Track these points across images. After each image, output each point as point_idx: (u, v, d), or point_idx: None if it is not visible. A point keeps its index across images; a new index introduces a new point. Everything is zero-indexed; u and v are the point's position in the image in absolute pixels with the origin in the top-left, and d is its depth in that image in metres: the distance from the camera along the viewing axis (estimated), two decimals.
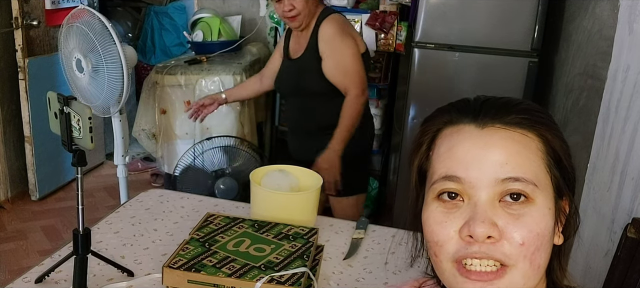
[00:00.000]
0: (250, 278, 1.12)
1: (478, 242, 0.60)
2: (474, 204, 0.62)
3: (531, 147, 0.63)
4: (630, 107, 1.72)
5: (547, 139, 0.65)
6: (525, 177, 0.61)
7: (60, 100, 1.11)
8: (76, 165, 1.12)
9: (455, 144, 0.65)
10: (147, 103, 3.01)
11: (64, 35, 2.18)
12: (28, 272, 1.23)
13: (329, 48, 2.02)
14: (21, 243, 3.01)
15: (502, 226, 0.60)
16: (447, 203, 0.64)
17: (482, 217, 0.60)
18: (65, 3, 3.44)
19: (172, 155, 2.92)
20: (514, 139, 0.63)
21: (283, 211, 1.40)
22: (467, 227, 0.61)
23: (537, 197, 0.62)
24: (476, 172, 0.62)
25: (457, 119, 0.66)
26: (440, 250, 0.63)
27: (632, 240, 1.43)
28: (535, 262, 0.61)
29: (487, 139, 0.63)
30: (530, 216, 0.61)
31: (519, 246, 0.60)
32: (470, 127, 0.65)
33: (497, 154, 0.62)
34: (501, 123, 0.64)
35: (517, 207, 0.61)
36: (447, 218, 0.63)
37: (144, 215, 1.54)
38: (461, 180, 0.62)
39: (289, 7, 1.98)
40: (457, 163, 0.63)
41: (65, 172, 3.61)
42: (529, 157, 0.63)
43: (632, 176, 1.67)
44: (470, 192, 0.62)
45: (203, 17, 3.33)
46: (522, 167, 0.62)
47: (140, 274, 1.25)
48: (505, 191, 0.61)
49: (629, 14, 1.77)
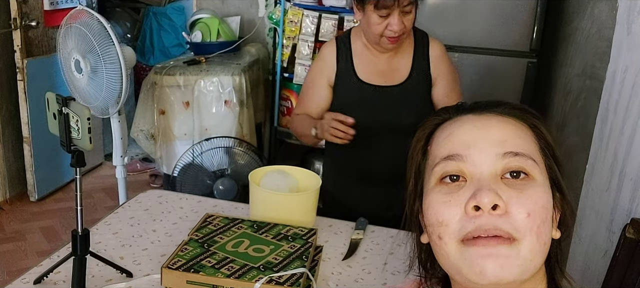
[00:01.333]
0: (249, 278, 1.12)
1: (485, 213, 0.60)
2: (477, 180, 0.63)
3: (525, 132, 0.67)
4: (629, 108, 1.72)
5: (540, 130, 0.68)
6: (524, 152, 0.63)
7: (59, 100, 1.11)
8: (75, 165, 1.12)
9: (454, 128, 0.67)
10: (145, 104, 3.01)
11: (63, 35, 2.18)
12: (27, 273, 1.23)
13: (443, 69, 1.75)
14: (20, 244, 3.01)
15: (507, 199, 0.61)
16: (450, 185, 0.65)
17: (487, 186, 0.61)
18: (63, 4, 3.44)
19: (171, 155, 2.92)
20: (509, 122, 0.67)
21: (282, 212, 1.40)
22: (473, 199, 0.61)
23: (537, 175, 0.63)
24: (477, 149, 0.64)
25: (454, 115, 0.70)
26: (445, 230, 0.62)
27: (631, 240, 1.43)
28: (541, 237, 0.61)
29: (485, 121, 0.67)
30: (533, 189, 0.62)
31: (526, 218, 0.60)
32: (468, 116, 0.69)
33: (496, 132, 0.65)
34: (496, 112, 0.68)
35: (519, 182, 0.62)
36: (451, 197, 0.63)
37: (142, 216, 1.54)
38: (463, 158, 0.64)
39: (399, 26, 1.59)
40: (458, 144, 0.65)
41: (64, 173, 3.61)
42: (525, 139, 0.66)
43: (630, 176, 1.68)
44: (471, 170, 0.63)
45: (202, 18, 3.33)
46: (520, 145, 0.64)
47: (139, 275, 1.25)
48: (506, 167, 0.63)
49: (627, 14, 1.77)
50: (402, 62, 1.74)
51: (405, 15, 1.61)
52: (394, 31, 1.60)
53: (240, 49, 3.32)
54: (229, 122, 2.89)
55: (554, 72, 2.77)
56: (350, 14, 3.17)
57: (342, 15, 3.18)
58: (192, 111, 2.88)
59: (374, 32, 1.62)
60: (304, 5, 3.21)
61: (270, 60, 3.59)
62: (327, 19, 3.17)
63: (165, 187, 3.07)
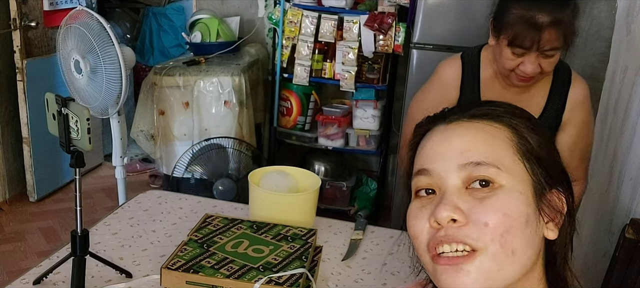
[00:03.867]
0: (248, 279, 1.12)
1: (443, 226, 0.62)
2: (442, 193, 0.64)
3: (499, 135, 0.65)
4: (628, 108, 1.72)
5: (520, 130, 0.66)
6: (485, 161, 0.63)
7: (58, 101, 1.11)
8: (74, 166, 1.12)
9: (425, 142, 0.69)
10: (145, 104, 3.01)
11: (62, 36, 2.18)
12: (26, 273, 1.22)
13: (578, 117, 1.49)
14: (19, 244, 3.00)
15: (467, 209, 0.61)
16: (423, 199, 0.67)
17: (444, 201, 0.62)
18: (63, 4, 3.44)
19: (171, 156, 2.92)
20: (478, 128, 0.66)
21: (282, 212, 1.40)
22: (432, 215, 0.63)
23: (504, 180, 0.62)
24: (441, 162, 0.65)
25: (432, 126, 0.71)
26: (417, 242, 0.66)
27: (631, 240, 1.43)
28: (507, 245, 0.60)
29: (451, 132, 0.67)
30: (496, 197, 0.62)
31: (484, 227, 0.60)
32: (440, 127, 0.69)
33: (459, 143, 0.65)
34: (466, 117, 0.68)
35: (483, 192, 0.62)
36: (420, 211, 0.66)
37: (142, 217, 1.54)
38: (429, 172, 0.66)
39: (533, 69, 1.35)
40: (426, 158, 0.67)
41: (63, 174, 3.60)
42: (492, 142, 0.65)
43: (630, 176, 1.68)
44: (439, 183, 0.65)
45: (201, 18, 3.33)
46: (483, 152, 0.63)
47: (139, 275, 1.25)
48: (469, 177, 0.63)
49: (626, 15, 1.77)
50: (535, 99, 1.49)
51: (546, 58, 1.34)
52: (526, 73, 1.37)
53: (239, 50, 3.32)
54: (229, 123, 2.89)
55: None
56: (349, 14, 3.17)
57: (341, 16, 3.19)
58: (191, 111, 2.88)
59: (505, 66, 1.40)
60: (303, 5, 3.21)
61: (269, 61, 3.59)
62: (327, 19, 3.17)
63: (164, 188, 3.06)
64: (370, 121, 3.28)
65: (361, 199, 3.44)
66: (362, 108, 3.27)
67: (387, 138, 3.52)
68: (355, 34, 3.16)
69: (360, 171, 3.66)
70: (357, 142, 3.35)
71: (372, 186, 3.58)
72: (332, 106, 3.41)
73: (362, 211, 3.36)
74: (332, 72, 3.25)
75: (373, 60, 3.21)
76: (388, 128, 3.49)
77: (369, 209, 3.40)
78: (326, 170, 3.42)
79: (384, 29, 3.07)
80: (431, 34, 2.75)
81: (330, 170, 3.43)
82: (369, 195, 3.53)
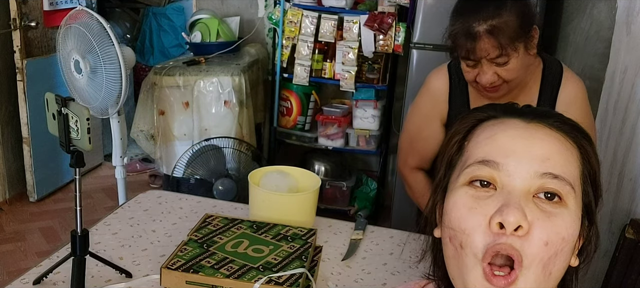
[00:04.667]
0: (248, 279, 1.12)
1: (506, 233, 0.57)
2: (507, 192, 0.59)
3: (572, 152, 0.62)
4: (628, 109, 1.72)
5: (586, 150, 0.63)
6: (564, 177, 0.59)
7: (58, 101, 1.11)
8: (74, 166, 1.12)
9: (498, 131, 0.63)
10: (145, 104, 3.01)
11: (62, 36, 2.18)
12: (26, 273, 1.22)
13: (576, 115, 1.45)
14: (19, 244, 3.00)
15: (531, 220, 0.57)
16: (479, 190, 0.61)
17: (515, 204, 0.57)
18: (63, 4, 3.44)
19: (171, 156, 2.92)
20: (557, 138, 0.62)
21: (281, 212, 1.40)
22: (499, 214, 0.57)
23: (571, 201, 0.59)
24: (516, 161, 0.60)
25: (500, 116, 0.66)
26: (467, 240, 0.59)
27: (631, 240, 1.43)
28: (549, 268, 0.58)
29: (532, 132, 0.62)
30: (562, 218, 0.58)
31: (543, 246, 0.57)
32: (515, 121, 0.64)
33: (540, 148, 0.60)
34: (546, 123, 0.63)
35: (550, 205, 0.59)
36: (477, 204, 0.59)
37: (142, 216, 1.54)
38: (499, 166, 0.60)
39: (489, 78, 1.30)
40: (497, 149, 0.61)
41: (63, 174, 3.60)
42: (570, 159, 0.61)
43: (630, 177, 1.68)
44: (505, 180, 0.59)
45: (201, 18, 3.33)
46: (562, 167, 0.60)
47: (139, 275, 1.25)
48: (541, 187, 0.59)
49: (626, 15, 1.77)
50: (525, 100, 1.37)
51: (499, 66, 1.28)
52: (484, 84, 1.31)
53: (239, 50, 3.32)
54: (229, 123, 2.89)
55: None
56: (349, 14, 3.17)
57: (341, 16, 3.19)
58: (191, 111, 2.88)
59: (467, 79, 1.37)
60: (303, 5, 3.21)
61: (269, 61, 3.59)
62: (327, 19, 3.18)
63: (164, 187, 3.06)
64: (370, 121, 3.28)
65: (361, 199, 3.45)
66: (362, 108, 3.27)
67: (387, 138, 3.52)
68: (355, 34, 3.16)
69: (360, 171, 3.67)
70: (357, 142, 3.35)
71: (372, 186, 3.58)
72: (332, 106, 3.41)
73: (362, 211, 3.37)
74: (332, 72, 3.25)
75: (373, 60, 3.21)
76: (388, 128, 3.49)
77: (369, 209, 3.40)
78: (326, 170, 3.43)
79: (384, 29, 3.07)
80: (431, 34, 2.75)
81: (330, 170, 3.43)
82: (369, 195, 3.53)
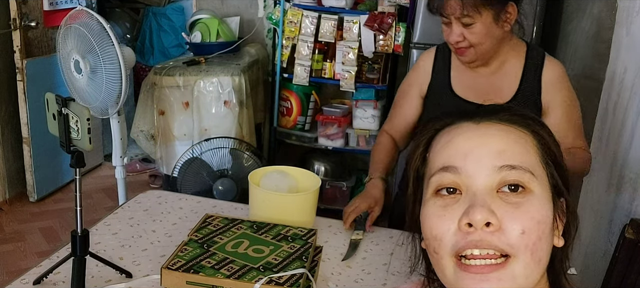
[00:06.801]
0: (248, 279, 1.12)
1: (477, 230, 0.59)
2: (472, 194, 0.61)
3: (526, 140, 0.65)
4: (628, 108, 1.72)
5: (542, 136, 0.66)
6: (521, 165, 0.62)
7: (58, 101, 1.11)
8: (74, 166, 1.12)
9: (453, 137, 0.66)
10: (145, 104, 3.01)
11: (62, 36, 2.18)
12: (26, 273, 1.22)
13: (559, 98, 1.50)
14: (19, 244, 3.00)
15: (501, 215, 0.59)
16: (446, 198, 0.63)
17: (480, 202, 0.60)
18: (63, 4, 3.44)
19: (171, 156, 2.92)
20: (510, 131, 0.65)
21: (282, 212, 1.40)
22: (466, 216, 0.60)
23: (535, 187, 0.62)
24: (473, 161, 0.62)
25: (454, 121, 0.68)
26: (440, 245, 0.62)
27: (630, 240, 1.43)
28: (537, 253, 0.60)
29: (484, 130, 0.65)
30: (530, 204, 0.60)
31: (521, 235, 0.59)
32: (468, 124, 0.66)
33: (494, 143, 0.63)
34: (496, 120, 0.66)
35: (515, 196, 0.61)
36: (445, 211, 0.62)
37: (142, 217, 1.54)
38: (458, 170, 0.63)
39: (455, 37, 1.43)
40: (454, 154, 0.64)
41: (63, 174, 3.60)
42: (524, 147, 0.64)
43: (630, 177, 1.68)
44: (467, 182, 0.62)
45: (201, 18, 3.33)
46: (518, 156, 0.62)
47: (139, 275, 1.25)
48: (502, 181, 0.61)
49: (626, 15, 1.77)
50: (506, 81, 1.52)
51: (466, 27, 1.40)
52: (451, 42, 1.45)
53: (239, 50, 3.32)
54: (229, 123, 2.89)
55: None
56: (349, 14, 3.17)
57: (341, 16, 3.19)
58: (191, 111, 2.88)
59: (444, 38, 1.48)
60: (303, 5, 3.21)
61: (269, 61, 3.59)
62: (327, 19, 3.18)
63: (164, 188, 3.07)
64: (370, 121, 3.28)
65: None
66: (362, 108, 3.27)
67: None
68: (355, 34, 3.16)
69: (360, 171, 3.67)
70: (357, 142, 3.35)
71: None
72: (332, 106, 3.42)
73: None
74: (332, 72, 3.25)
75: (373, 60, 3.21)
76: None
77: None
78: (326, 170, 3.43)
79: (384, 29, 3.07)
80: (431, 34, 2.75)
81: (330, 170, 3.43)
82: None
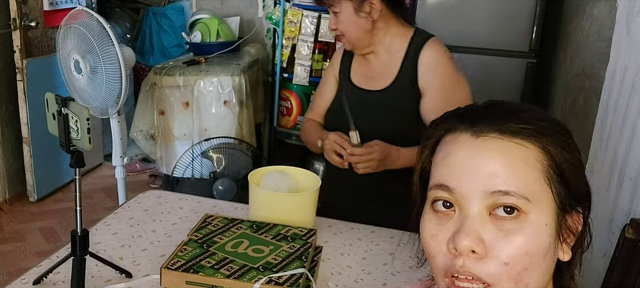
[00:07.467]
0: (248, 279, 1.12)
1: (462, 255, 0.59)
2: (464, 216, 0.61)
3: (528, 158, 0.61)
4: (628, 108, 1.72)
5: (549, 150, 0.62)
6: (516, 191, 0.59)
7: (58, 101, 1.11)
8: (74, 166, 1.12)
9: (450, 152, 0.64)
10: (145, 104, 3.01)
11: (62, 36, 2.18)
12: (26, 273, 1.22)
13: (435, 81, 1.54)
14: (19, 244, 3.00)
15: (489, 242, 0.59)
16: (440, 214, 0.63)
17: (467, 229, 0.59)
18: (63, 4, 3.43)
19: (171, 156, 2.92)
20: (508, 150, 0.61)
21: (281, 212, 1.40)
22: (452, 241, 0.60)
23: (531, 212, 0.59)
24: (467, 183, 0.61)
25: (456, 127, 0.65)
26: (433, 262, 0.63)
27: (631, 240, 1.43)
28: (522, 282, 0.59)
29: (479, 149, 0.62)
30: (522, 233, 0.59)
31: (504, 265, 0.58)
32: (466, 136, 0.63)
33: (488, 166, 0.60)
34: (497, 132, 0.62)
35: (509, 222, 0.59)
36: (438, 230, 0.63)
37: (142, 217, 1.54)
38: (452, 191, 0.62)
39: (333, 24, 1.58)
40: (450, 173, 0.63)
41: (63, 174, 3.60)
42: (523, 169, 0.60)
43: (630, 177, 1.68)
44: (461, 202, 0.61)
45: (201, 18, 3.33)
46: (513, 180, 0.59)
47: (139, 275, 1.25)
48: (495, 204, 0.60)
49: (626, 14, 1.77)
50: (390, 66, 1.60)
51: (334, 15, 1.56)
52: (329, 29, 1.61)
53: (239, 50, 3.32)
54: (229, 123, 2.89)
55: (553, 72, 2.77)
56: None
57: None
58: (191, 111, 2.88)
59: None
60: (303, 5, 3.21)
61: (269, 61, 3.59)
62: (327, 19, 3.17)
63: (164, 188, 3.06)
64: None
65: None
66: None
67: None
68: None
69: None
70: None
71: None
72: None
73: None
74: None
75: None
76: None
77: None
78: None
79: None
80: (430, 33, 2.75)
81: None
82: None
